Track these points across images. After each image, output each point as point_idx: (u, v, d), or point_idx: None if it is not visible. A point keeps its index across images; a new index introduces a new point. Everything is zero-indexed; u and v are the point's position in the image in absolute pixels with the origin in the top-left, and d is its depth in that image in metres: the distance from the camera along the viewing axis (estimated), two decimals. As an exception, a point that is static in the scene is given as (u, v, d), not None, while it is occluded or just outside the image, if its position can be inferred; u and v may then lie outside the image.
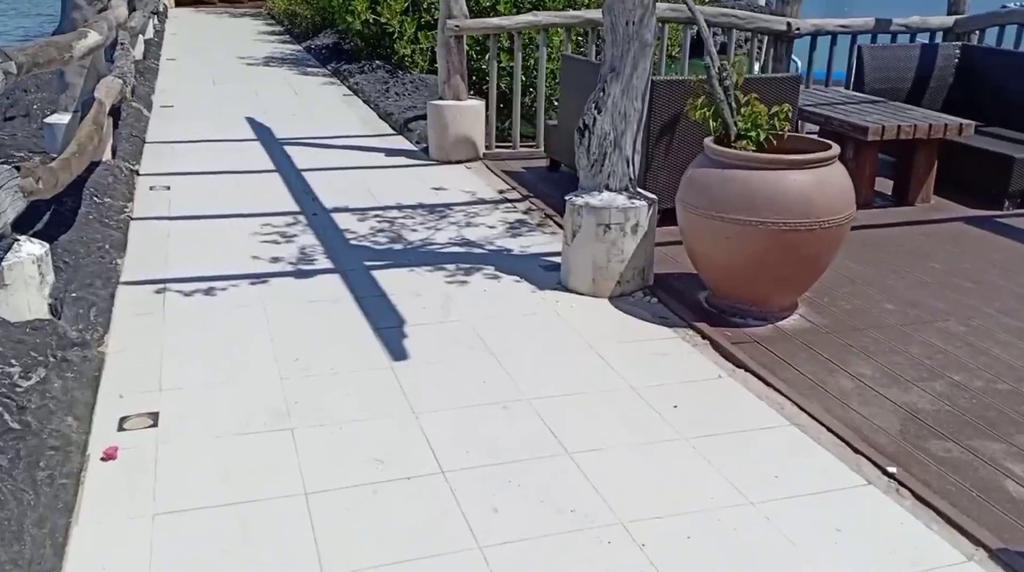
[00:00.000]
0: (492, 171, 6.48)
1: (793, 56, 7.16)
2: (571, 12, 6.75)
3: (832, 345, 3.55)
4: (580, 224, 4.08)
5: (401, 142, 7.50)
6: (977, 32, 7.19)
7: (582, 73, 5.87)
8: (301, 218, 5.33)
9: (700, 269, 3.92)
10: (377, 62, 11.10)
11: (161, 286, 4.17)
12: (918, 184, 5.47)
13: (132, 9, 10.70)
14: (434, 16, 10.18)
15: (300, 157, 6.81)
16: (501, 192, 5.94)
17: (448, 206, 5.61)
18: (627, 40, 3.94)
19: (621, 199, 4.07)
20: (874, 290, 4.15)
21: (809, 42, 7.17)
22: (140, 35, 11.13)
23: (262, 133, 7.69)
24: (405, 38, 10.22)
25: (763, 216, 3.49)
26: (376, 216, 5.39)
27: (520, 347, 3.56)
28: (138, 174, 6.15)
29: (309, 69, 11.64)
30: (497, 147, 6.94)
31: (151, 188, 5.86)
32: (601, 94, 4.04)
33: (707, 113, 3.85)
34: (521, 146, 6.94)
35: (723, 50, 7.18)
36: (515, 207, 5.60)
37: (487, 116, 6.81)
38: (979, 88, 6.38)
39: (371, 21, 10.68)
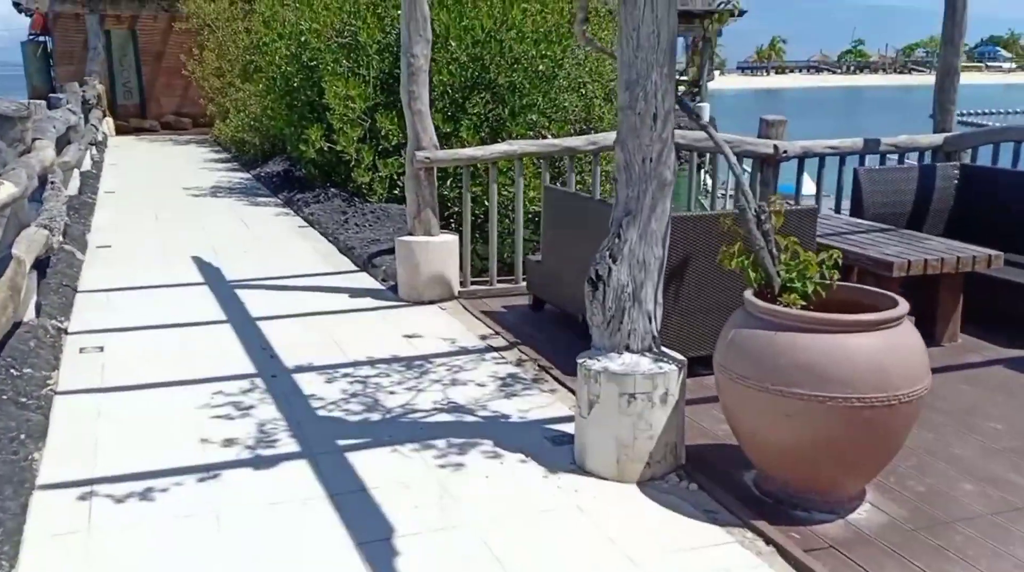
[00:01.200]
0: (470, 312, 5.86)
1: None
2: (549, 141, 6.31)
3: (923, 549, 2.90)
4: (598, 393, 3.43)
5: (366, 280, 6.86)
6: (969, 151, 6.94)
7: (567, 206, 5.36)
8: (259, 382, 4.59)
9: (748, 448, 3.27)
10: (333, 190, 10.60)
11: (87, 489, 3.38)
12: (944, 322, 4.98)
13: (67, 142, 10.10)
14: (392, 143, 9.77)
15: (254, 302, 6.12)
16: (484, 338, 5.30)
17: (427, 358, 4.94)
18: (644, 179, 3.41)
19: (646, 363, 3.45)
20: (942, 463, 3.55)
21: (797, 164, 6.82)
22: (76, 169, 10.48)
23: (211, 274, 6.99)
24: (363, 166, 9.74)
25: (831, 390, 2.88)
26: (346, 375, 4.68)
27: (545, 568, 2.84)
28: (67, 333, 5.38)
29: (260, 199, 11.07)
30: (473, 284, 6.34)
31: (81, 350, 5.08)
32: (616, 241, 3.48)
33: (745, 262, 3.30)
34: (498, 281, 6.35)
35: (710, 174, 6.79)
36: (503, 357, 4.95)
37: (461, 252, 6.24)
38: (984, 210, 6.02)
39: (326, 149, 10.21)
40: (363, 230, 8.31)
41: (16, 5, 21.67)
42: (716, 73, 26.06)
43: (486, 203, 6.61)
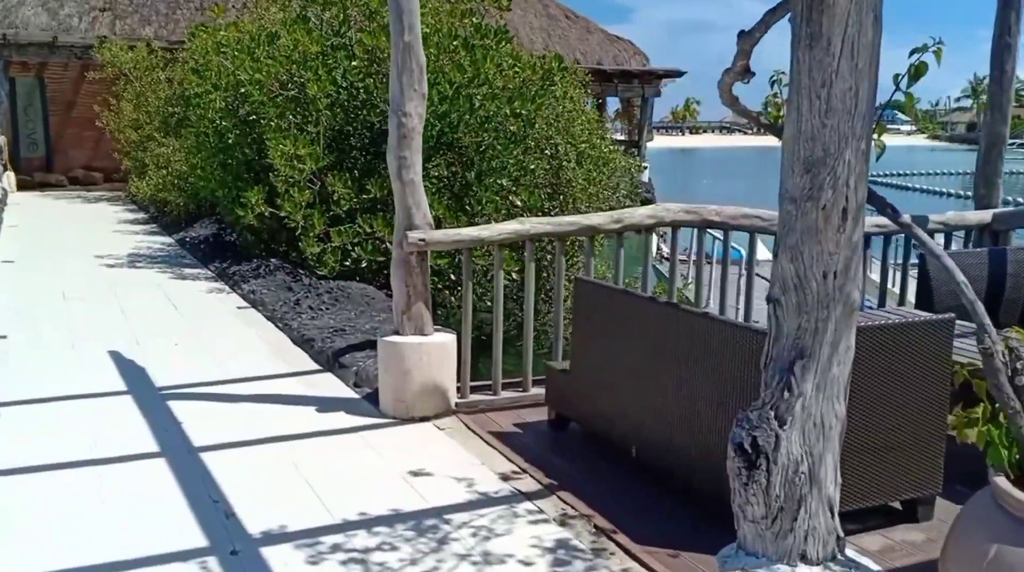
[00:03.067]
0: (477, 434, 4.63)
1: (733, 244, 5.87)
2: (567, 219, 5.20)
3: None
4: (765, 628, 2.27)
5: (334, 385, 5.57)
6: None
7: (607, 304, 4.24)
8: (212, 563, 3.27)
9: None
10: (274, 261, 9.30)
11: None
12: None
13: (-42, 205, 8.53)
14: (344, 209, 8.53)
15: (195, 422, 4.76)
16: (507, 478, 4.07)
17: (441, 514, 3.69)
18: (825, 303, 2.31)
19: (834, 581, 2.31)
20: None
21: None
22: (-32, 236, 8.87)
23: (134, 378, 5.59)
24: (311, 235, 8.45)
25: None
26: (336, 547, 3.39)
27: None
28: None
29: (187, 270, 9.63)
30: (472, 393, 5.12)
31: (-44, 512, 3.67)
32: (785, 395, 2.35)
33: (998, 434, 2.21)
34: (503, 388, 5.15)
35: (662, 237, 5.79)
36: (540, 510, 3.74)
37: (460, 355, 5.03)
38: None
39: (267, 215, 8.90)
40: (320, 315, 7.01)
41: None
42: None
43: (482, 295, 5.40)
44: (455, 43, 8.84)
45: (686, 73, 25.44)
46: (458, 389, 5.03)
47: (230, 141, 9.56)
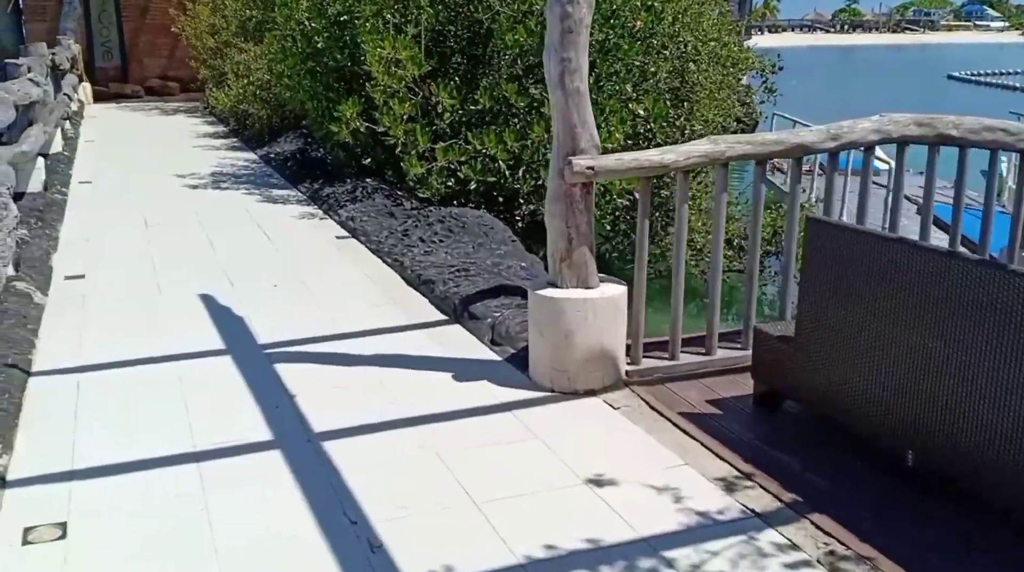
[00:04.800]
0: (662, 416, 3.63)
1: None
2: (769, 136, 4.01)
3: None
4: None
5: (466, 341, 4.60)
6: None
7: (853, 251, 3.12)
8: (364, 630, 2.37)
9: None
10: (369, 181, 8.30)
11: None
12: None
13: (29, 122, 7.74)
14: (446, 122, 7.45)
15: (310, 397, 3.86)
16: (728, 488, 3.06)
17: (656, 549, 2.70)
18: None
19: None
20: None
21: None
22: (42, 156, 8.11)
23: (232, 334, 4.71)
24: (413, 153, 7.41)
25: None
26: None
27: None
28: (4, 480, 3.12)
29: (276, 192, 8.73)
30: (645, 356, 4.09)
31: (29, 540, 2.82)
32: None
33: None
34: (682, 351, 4.11)
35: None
36: (792, 544, 2.72)
37: (632, 311, 3.99)
38: None
39: (363, 130, 7.87)
40: (434, 249, 6.02)
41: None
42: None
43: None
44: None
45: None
46: (627, 352, 4.01)
47: (319, 45, 8.47)
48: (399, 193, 8.00)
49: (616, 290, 3.93)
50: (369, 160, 8.60)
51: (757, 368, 3.66)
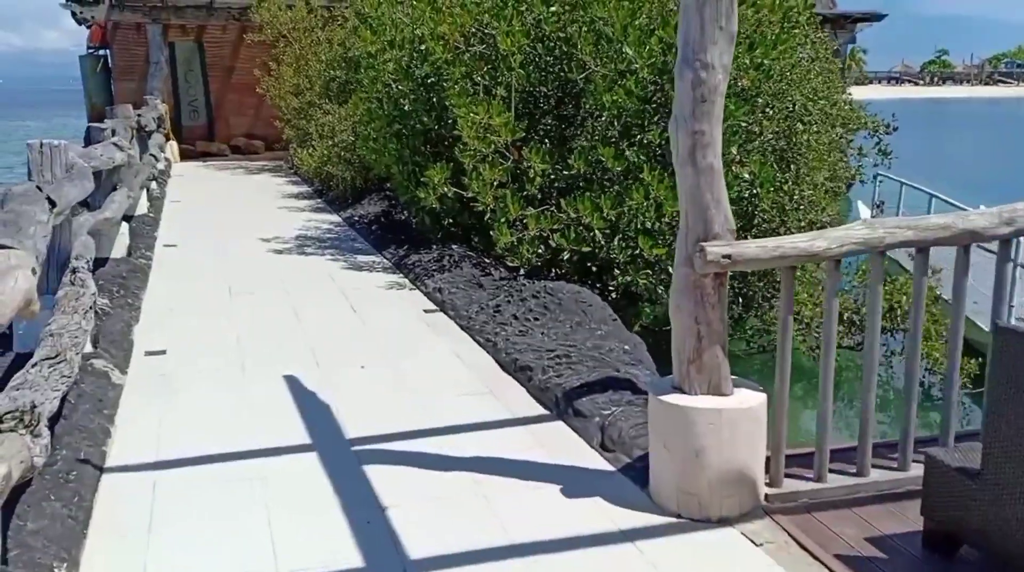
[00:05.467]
0: (815, 557, 3.07)
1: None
2: (933, 220, 3.47)
3: None
4: None
5: (572, 444, 4.12)
6: None
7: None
8: None
9: None
10: (455, 248, 7.96)
11: None
12: None
13: (113, 187, 7.65)
14: (536, 187, 7.07)
15: (404, 512, 3.42)
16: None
17: None
18: None
19: None
20: None
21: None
22: (125, 221, 8.01)
23: (319, 425, 4.33)
24: (504, 220, 7.04)
25: None
26: None
27: None
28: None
29: (361, 258, 8.46)
30: (787, 474, 3.54)
31: None
32: None
33: None
34: (830, 467, 3.55)
35: None
36: None
37: (771, 421, 3.46)
38: None
39: (450, 195, 7.56)
40: (529, 328, 5.59)
41: (74, 16, 19.69)
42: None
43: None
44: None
45: (886, 16, 22.47)
46: (766, 472, 3.48)
47: (406, 108, 8.26)
48: (487, 261, 7.64)
49: (755, 399, 3.41)
50: (455, 226, 8.31)
51: (929, 503, 3.08)
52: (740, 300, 9.19)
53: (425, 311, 6.52)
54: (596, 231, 6.78)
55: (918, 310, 3.50)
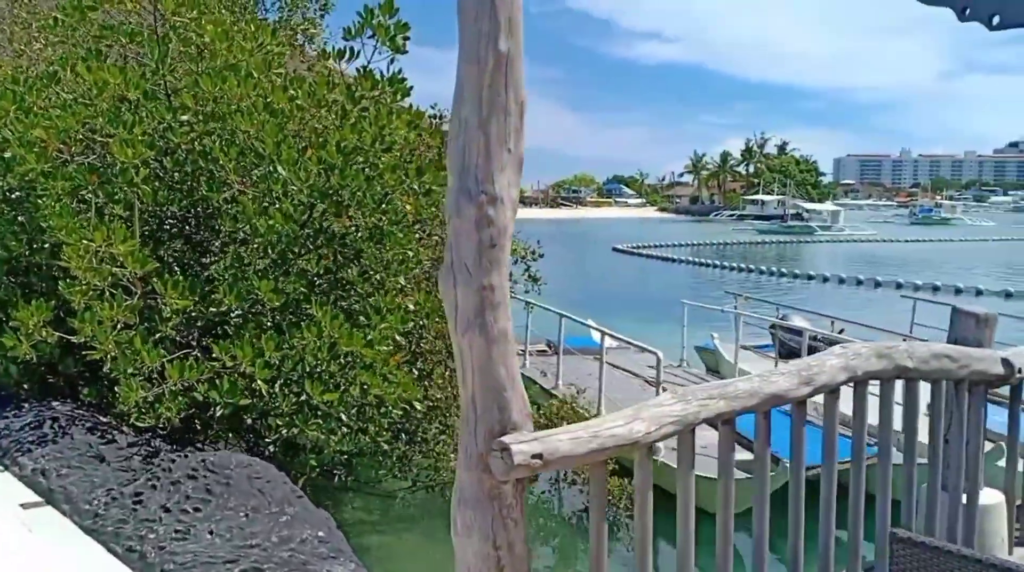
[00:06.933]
0: None
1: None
2: (741, 386, 2.93)
3: None
4: None
5: None
6: None
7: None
8: None
9: None
10: (57, 405, 6.16)
11: None
12: None
13: None
14: (171, 324, 5.70)
15: None
16: None
17: None
18: None
19: None
20: None
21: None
22: None
23: None
24: (130, 371, 5.51)
25: None
26: None
27: None
28: None
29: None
30: None
31: None
32: None
33: None
34: None
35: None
36: None
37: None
38: None
39: (49, 341, 5.80)
40: (190, 523, 4.16)
41: None
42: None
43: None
44: (334, 94, 6.37)
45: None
46: None
47: (-18, 230, 6.33)
48: (104, 421, 5.94)
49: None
50: (56, 376, 6.46)
51: None
52: (403, 435, 8.42)
53: (23, 507, 4.69)
54: (260, 383, 5.55)
55: (728, 501, 2.93)
